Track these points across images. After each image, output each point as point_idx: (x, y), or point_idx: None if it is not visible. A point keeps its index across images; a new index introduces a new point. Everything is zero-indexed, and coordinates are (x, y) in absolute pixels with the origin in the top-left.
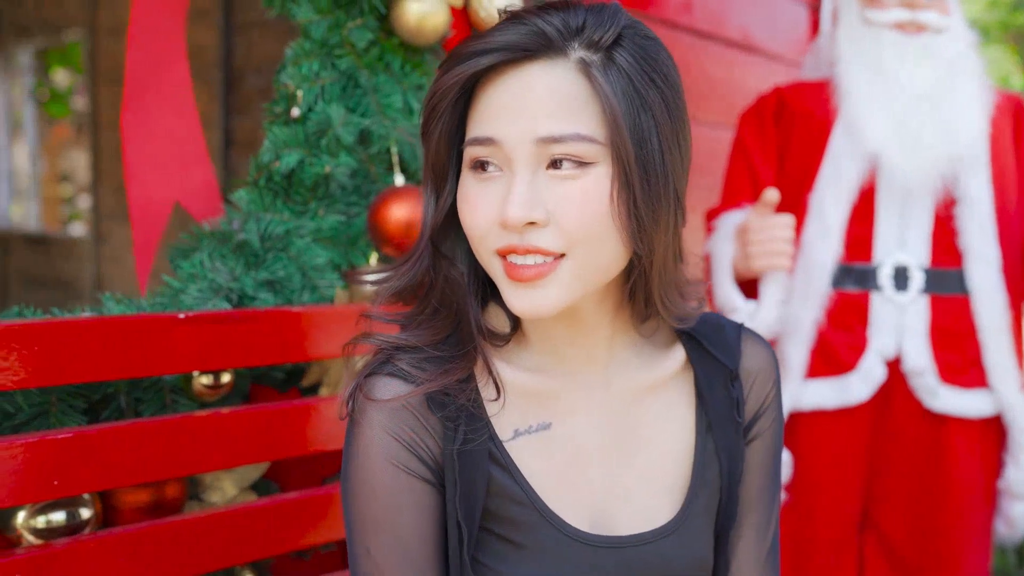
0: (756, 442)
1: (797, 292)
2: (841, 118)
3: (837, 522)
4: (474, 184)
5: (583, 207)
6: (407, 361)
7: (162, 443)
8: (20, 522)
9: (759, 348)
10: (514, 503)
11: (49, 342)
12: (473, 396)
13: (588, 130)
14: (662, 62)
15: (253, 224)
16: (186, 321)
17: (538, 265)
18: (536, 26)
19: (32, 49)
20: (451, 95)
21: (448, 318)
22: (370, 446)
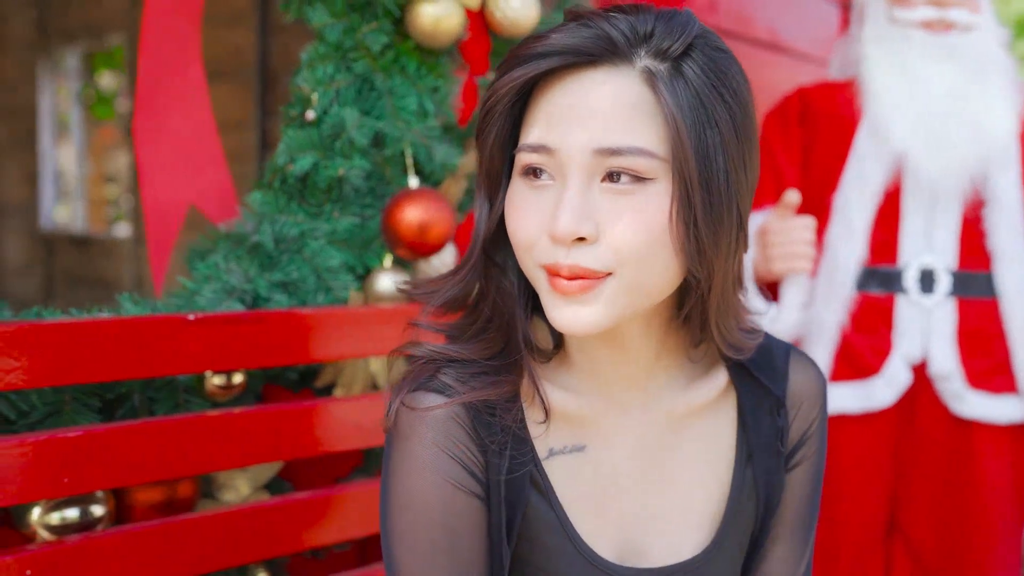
0: (797, 470)
1: (820, 295)
2: (866, 118)
3: (863, 528)
4: (525, 191)
5: (637, 225)
6: (454, 376)
7: (173, 442)
8: (35, 519)
9: (807, 372)
10: (547, 529)
11: (60, 342)
12: (519, 416)
13: (649, 144)
14: (732, 76)
15: (267, 226)
16: (195, 322)
17: (583, 282)
18: (601, 30)
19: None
20: (507, 99)
21: (499, 331)
22: (423, 464)
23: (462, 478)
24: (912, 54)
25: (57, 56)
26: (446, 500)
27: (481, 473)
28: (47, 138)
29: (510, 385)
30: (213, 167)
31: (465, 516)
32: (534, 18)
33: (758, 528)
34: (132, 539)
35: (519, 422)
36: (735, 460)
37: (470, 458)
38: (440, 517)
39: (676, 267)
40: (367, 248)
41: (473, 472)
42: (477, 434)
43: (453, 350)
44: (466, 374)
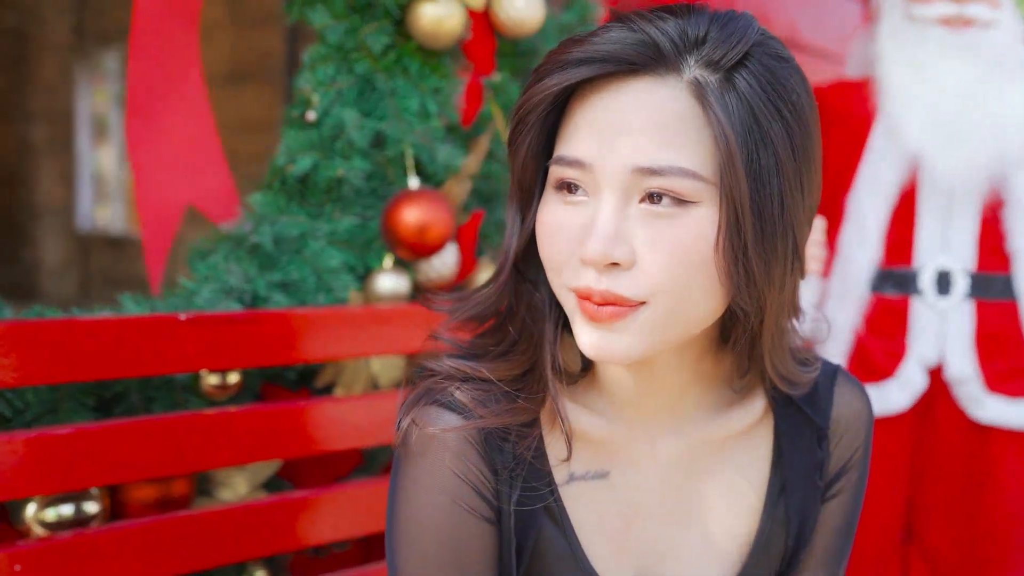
0: (834, 501)
1: (834, 296)
2: (881, 117)
3: (879, 534)
4: (558, 207)
5: (676, 252)
6: (471, 396)
7: (168, 440)
8: (30, 515)
9: (854, 397)
10: (558, 558)
11: (52, 341)
12: (535, 444)
13: (694, 164)
14: (792, 89)
15: (267, 227)
16: (187, 322)
17: (615, 309)
18: (647, 35)
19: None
20: (541, 107)
21: (527, 352)
22: (433, 485)
23: (473, 501)
24: (929, 51)
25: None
26: (455, 523)
27: (493, 497)
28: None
29: (529, 412)
30: (213, 168)
31: (475, 539)
32: (539, 18)
33: (787, 562)
34: (124, 536)
35: (534, 450)
36: (767, 491)
37: (482, 482)
38: (449, 539)
39: (719, 298)
40: (368, 249)
41: (484, 496)
42: (490, 458)
43: (474, 368)
44: (484, 395)
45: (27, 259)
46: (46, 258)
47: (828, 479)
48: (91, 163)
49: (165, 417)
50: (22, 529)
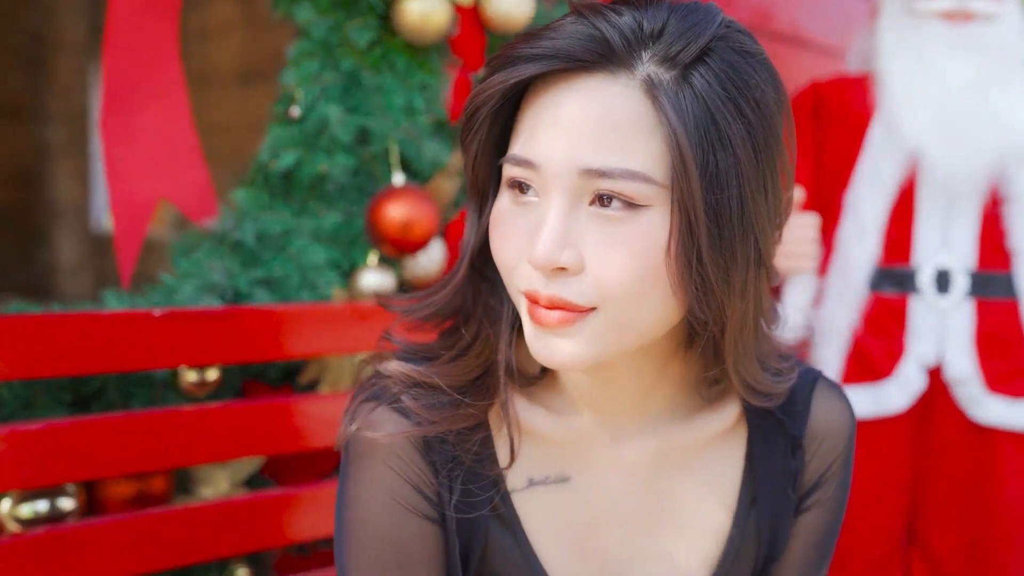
0: (811, 512)
1: (832, 295)
2: (880, 113)
3: (880, 537)
4: (509, 207)
5: (625, 259)
6: (415, 399)
7: (145, 436)
8: (4, 511)
9: (834, 406)
10: (510, 564)
11: (25, 336)
12: (477, 449)
13: (645, 167)
14: (756, 86)
15: (249, 224)
16: (161, 318)
17: (563, 314)
18: (598, 30)
19: None
20: (490, 103)
21: (482, 354)
22: (375, 485)
23: (416, 502)
24: (930, 46)
25: None
26: (398, 523)
27: (435, 497)
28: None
29: (474, 417)
30: (190, 164)
31: (418, 540)
32: (528, 13)
33: (757, 573)
34: (99, 532)
35: (480, 454)
36: (738, 500)
37: (424, 483)
38: (392, 539)
39: (674, 305)
40: (353, 245)
41: (427, 496)
42: (431, 461)
43: (423, 372)
44: (430, 399)
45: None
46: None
47: (804, 490)
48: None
49: (142, 413)
50: None
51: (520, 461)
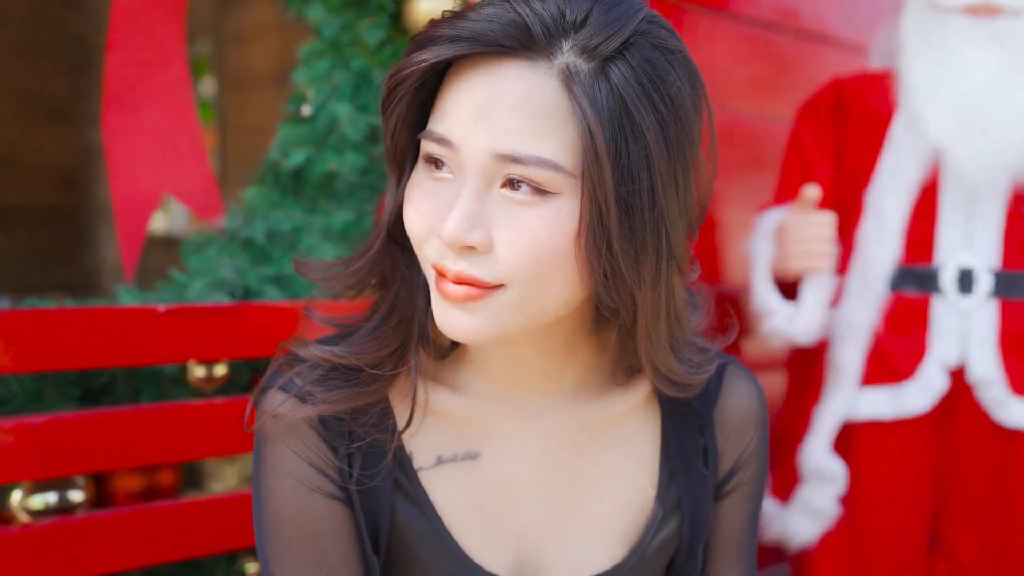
0: (734, 495)
1: (851, 294)
2: (902, 110)
3: (902, 543)
4: (424, 181)
5: (531, 242)
6: (314, 379)
7: (153, 429)
8: (15, 502)
9: (742, 389)
10: (421, 541)
11: (35, 331)
12: (375, 422)
13: (556, 155)
14: (672, 82)
15: (259, 221)
16: (166, 313)
17: (468, 289)
18: (520, 16)
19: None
20: (411, 80)
21: (398, 329)
22: (278, 468)
23: (319, 481)
24: (953, 41)
25: None
26: (303, 504)
27: (337, 475)
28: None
29: (373, 393)
30: (194, 160)
31: (326, 520)
32: None
33: (684, 552)
34: (107, 524)
35: (375, 428)
36: (659, 476)
37: (325, 461)
38: (300, 521)
39: (580, 288)
40: (362, 243)
41: (328, 475)
42: (330, 438)
43: (338, 352)
44: (333, 378)
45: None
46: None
47: (724, 475)
48: None
49: (150, 407)
50: (7, 515)
51: (428, 440)
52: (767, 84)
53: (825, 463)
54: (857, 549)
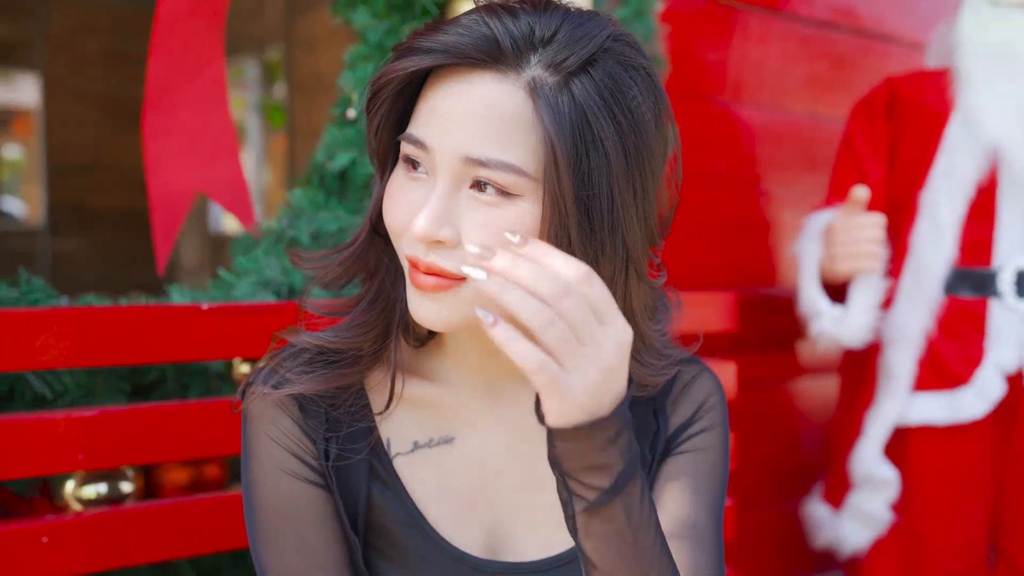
0: (680, 458)
1: (905, 297)
2: (959, 108)
3: (959, 552)
4: (402, 179)
5: (494, 239)
6: (293, 365)
7: (200, 424)
8: (68, 492)
9: (701, 379)
10: (396, 523)
11: (86, 327)
12: (351, 407)
13: (519, 160)
14: (632, 97)
15: (305, 222)
16: (209, 311)
17: (437, 280)
18: (492, 31)
19: (257, 63)
20: (392, 86)
21: (381, 315)
22: (260, 453)
23: (293, 466)
24: (1013, 37)
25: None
26: (280, 488)
27: (314, 460)
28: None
29: (353, 377)
30: (227, 159)
31: (303, 503)
32: None
33: None
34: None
35: (357, 415)
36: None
37: (302, 447)
38: (279, 505)
39: None
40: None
41: (305, 460)
42: (305, 423)
43: (322, 337)
44: (314, 364)
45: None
46: (183, 257)
47: (669, 435)
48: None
49: (197, 402)
50: (61, 505)
51: (405, 426)
52: (822, 83)
53: (876, 469)
54: (912, 557)
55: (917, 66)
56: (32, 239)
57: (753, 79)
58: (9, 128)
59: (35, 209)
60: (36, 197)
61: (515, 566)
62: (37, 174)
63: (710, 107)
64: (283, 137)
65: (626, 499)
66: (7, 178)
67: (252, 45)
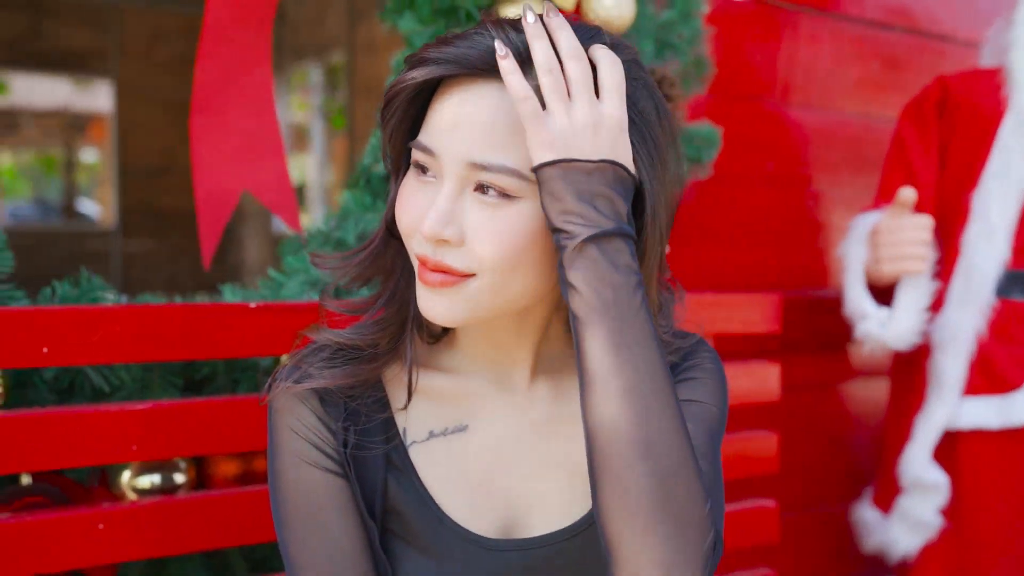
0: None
1: (955, 300)
2: (1012, 109)
3: (1011, 558)
4: (413, 183)
5: (495, 238)
6: (317, 361)
7: (249, 418)
8: (124, 481)
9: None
10: (412, 508)
11: (143, 324)
12: (369, 400)
13: (519, 164)
14: (631, 103)
15: (351, 223)
16: (256, 309)
17: (444, 277)
18: (493, 44)
19: (321, 68)
20: (403, 95)
21: (398, 313)
22: (283, 444)
23: (314, 456)
24: None
25: (290, 72)
26: (302, 477)
27: (333, 450)
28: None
29: (372, 373)
30: (273, 159)
31: (323, 491)
32: (628, 17)
33: None
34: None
35: (375, 407)
36: None
37: (320, 437)
38: (301, 493)
39: (545, 282)
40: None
41: (324, 450)
42: (326, 415)
43: (342, 334)
44: (335, 359)
45: (233, 258)
46: (248, 258)
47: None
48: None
49: (247, 397)
50: (118, 494)
51: (420, 417)
52: (874, 83)
53: (925, 473)
54: (962, 563)
55: (974, 65)
56: (105, 240)
57: (803, 80)
58: (86, 133)
59: (108, 211)
60: (109, 199)
61: (525, 542)
62: (110, 177)
63: (758, 108)
64: (345, 139)
65: (607, 252)
66: (84, 181)
67: (315, 51)
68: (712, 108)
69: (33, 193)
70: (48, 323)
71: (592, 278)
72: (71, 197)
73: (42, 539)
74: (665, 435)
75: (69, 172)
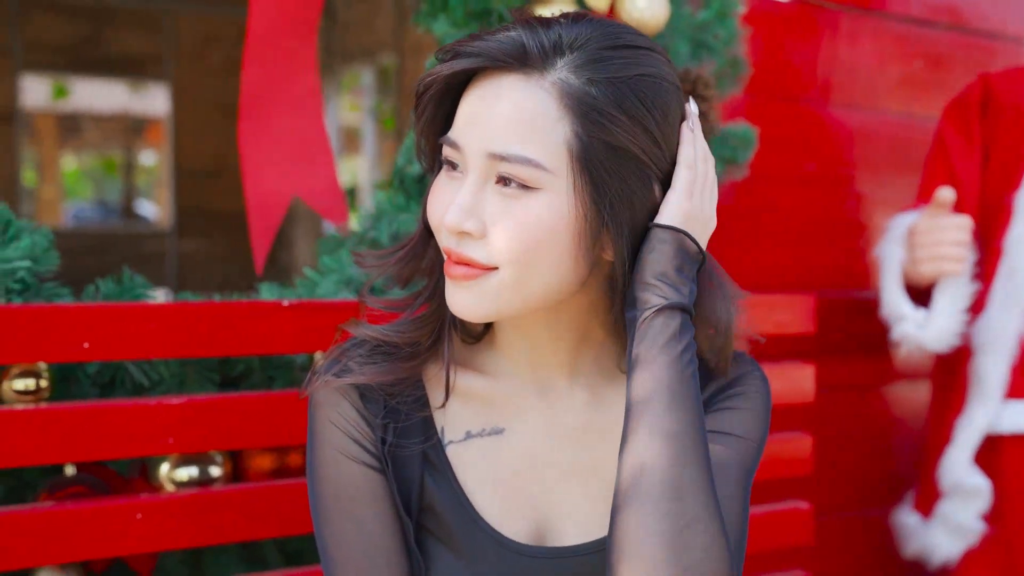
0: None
1: (996, 302)
2: None
3: None
4: (443, 178)
5: (516, 230)
6: (357, 357)
7: (283, 413)
8: (163, 474)
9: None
10: (446, 507)
11: (181, 321)
12: (408, 398)
13: (539, 156)
14: (654, 99)
15: (385, 223)
16: (289, 308)
17: (467, 270)
18: (521, 38)
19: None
20: (432, 90)
21: (437, 311)
22: (322, 437)
23: (353, 450)
24: None
25: (341, 75)
26: (340, 470)
27: (373, 447)
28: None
29: (411, 371)
30: (321, 167)
31: (361, 485)
32: (662, 18)
33: None
34: (241, 496)
35: (414, 406)
36: None
37: (359, 431)
38: (339, 486)
39: (570, 273)
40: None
41: (362, 444)
42: (367, 411)
43: (382, 331)
44: (375, 355)
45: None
46: (299, 258)
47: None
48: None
49: (281, 393)
50: (157, 485)
51: (458, 416)
52: (918, 82)
53: (966, 478)
54: (1006, 569)
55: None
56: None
57: (843, 79)
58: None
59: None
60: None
61: (557, 551)
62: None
63: (798, 108)
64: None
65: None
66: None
67: (365, 53)
68: (750, 108)
69: (94, 195)
70: (90, 319)
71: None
72: (130, 199)
73: (83, 527)
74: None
75: (128, 174)
